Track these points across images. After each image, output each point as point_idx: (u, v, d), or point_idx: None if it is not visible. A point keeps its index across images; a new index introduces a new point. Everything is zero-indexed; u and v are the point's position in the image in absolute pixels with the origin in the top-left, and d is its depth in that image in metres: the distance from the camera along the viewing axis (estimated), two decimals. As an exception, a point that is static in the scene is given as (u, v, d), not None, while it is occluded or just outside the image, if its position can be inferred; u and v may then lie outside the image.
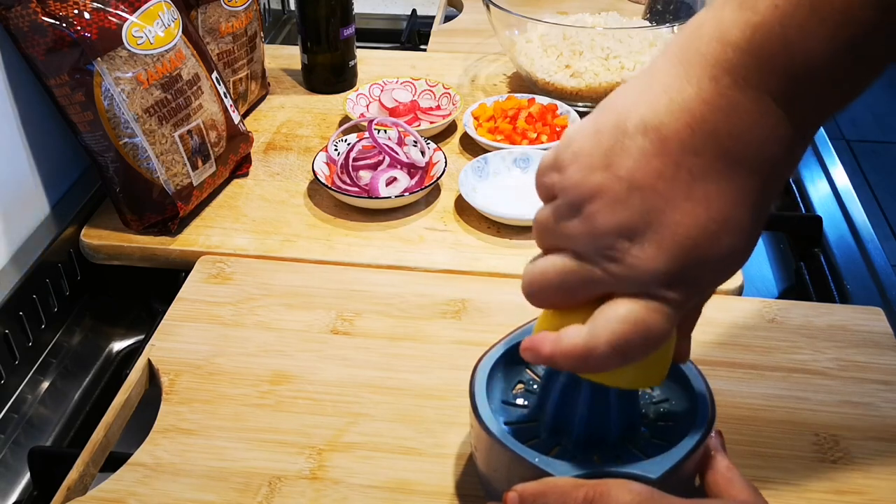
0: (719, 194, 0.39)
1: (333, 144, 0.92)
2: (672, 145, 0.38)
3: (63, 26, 0.73)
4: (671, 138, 0.38)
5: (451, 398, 0.65)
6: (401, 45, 1.33)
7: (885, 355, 0.68)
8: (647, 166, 0.39)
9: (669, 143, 0.38)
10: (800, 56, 0.36)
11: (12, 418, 0.74)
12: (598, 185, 0.39)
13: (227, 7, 0.95)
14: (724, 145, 0.38)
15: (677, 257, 0.39)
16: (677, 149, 0.38)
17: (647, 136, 0.39)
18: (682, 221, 0.39)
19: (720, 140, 0.38)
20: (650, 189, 0.39)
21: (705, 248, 0.39)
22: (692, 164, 0.38)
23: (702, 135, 0.38)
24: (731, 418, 0.62)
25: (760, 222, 0.40)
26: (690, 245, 0.39)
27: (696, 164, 0.38)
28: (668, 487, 0.44)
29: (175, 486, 0.58)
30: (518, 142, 0.95)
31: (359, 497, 0.57)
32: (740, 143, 0.38)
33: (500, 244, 0.82)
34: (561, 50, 1.05)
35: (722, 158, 0.38)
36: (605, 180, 0.39)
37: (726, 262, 0.40)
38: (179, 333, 0.71)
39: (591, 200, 0.40)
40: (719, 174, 0.38)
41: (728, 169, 0.38)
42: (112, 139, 0.78)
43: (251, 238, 0.83)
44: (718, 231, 0.39)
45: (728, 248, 0.39)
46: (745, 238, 0.40)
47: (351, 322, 0.72)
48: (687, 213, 0.39)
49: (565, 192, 0.41)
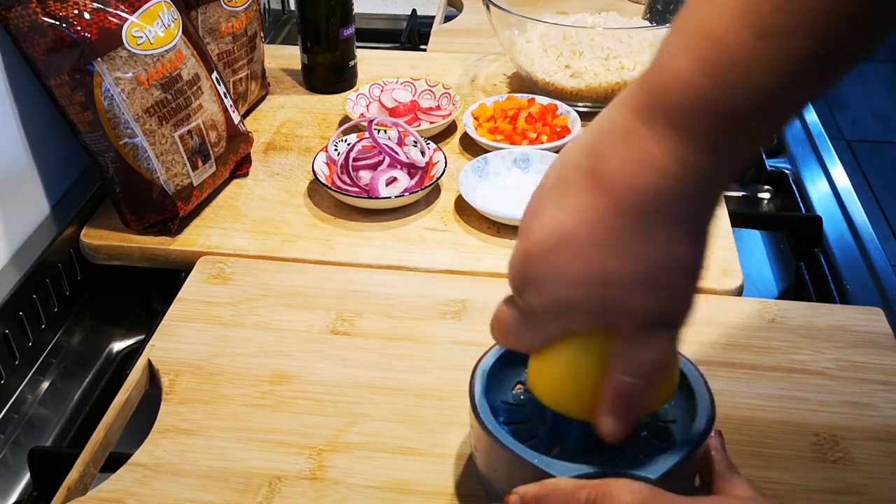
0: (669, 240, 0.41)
1: (333, 144, 0.92)
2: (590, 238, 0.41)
3: (63, 26, 0.73)
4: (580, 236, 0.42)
5: (451, 398, 0.65)
6: (401, 45, 1.33)
7: (885, 355, 0.68)
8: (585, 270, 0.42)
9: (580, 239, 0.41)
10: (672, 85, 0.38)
11: (12, 418, 0.74)
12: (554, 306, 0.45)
13: (227, 7, 0.95)
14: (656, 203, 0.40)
15: None
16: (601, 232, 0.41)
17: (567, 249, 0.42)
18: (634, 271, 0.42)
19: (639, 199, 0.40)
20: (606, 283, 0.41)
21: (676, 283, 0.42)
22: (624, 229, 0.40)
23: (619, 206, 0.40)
24: (731, 418, 0.62)
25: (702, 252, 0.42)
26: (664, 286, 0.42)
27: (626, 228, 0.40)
28: (669, 487, 0.44)
29: (175, 487, 0.58)
30: (518, 142, 0.95)
31: (359, 497, 0.57)
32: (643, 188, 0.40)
33: (500, 244, 0.82)
34: (561, 50, 1.05)
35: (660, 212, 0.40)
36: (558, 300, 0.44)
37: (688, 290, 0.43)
38: (179, 333, 0.71)
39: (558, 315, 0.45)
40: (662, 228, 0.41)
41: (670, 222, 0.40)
42: (112, 139, 0.78)
43: (251, 238, 0.83)
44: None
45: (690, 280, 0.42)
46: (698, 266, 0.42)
47: (351, 322, 0.72)
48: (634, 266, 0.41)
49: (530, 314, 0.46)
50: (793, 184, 0.98)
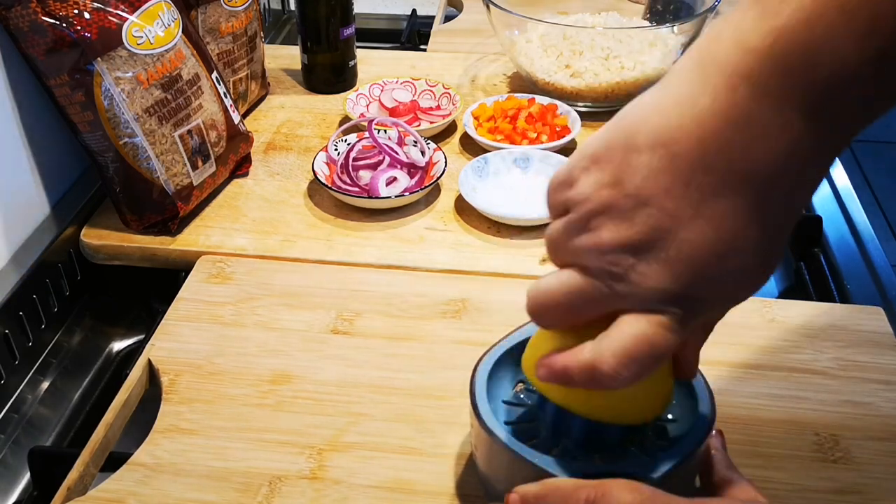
0: (729, 213, 0.37)
1: (333, 144, 0.92)
2: (681, 162, 0.37)
3: (63, 26, 0.73)
4: (681, 155, 0.37)
5: (451, 398, 0.65)
6: (401, 45, 1.33)
7: (885, 355, 0.68)
8: (655, 183, 0.38)
9: (679, 159, 0.37)
10: (825, 63, 0.34)
11: (12, 418, 0.74)
12: (606, 200, 0.39)
13: (227, 7, 0.95)
14: (737, 162, 0.37)
15: (682, 275, 0.38)
16: (687, 166, 0.37)
17: (657, 152, 0.38)
18: (688, 239, 0.38)
19: (733, 156, 0.37)
20: (657, 206, 0.38)
21: (712, 267, 0.38)
22: (702, 181, 0.37)
23: (714, 151, 0.37)
24: (731, 418, 0.62)
25: (777, 241, 0.39)
26: (696, 264, 0.38)
27: (706, 182, 0.37)
28: (669, 487, 0.44)
29: (175, 486, 0.58)
30: (518, 142, 0.95)
31: (359, 497, 0.57)
32: (755, 159, 0.36)
33: (500, 244, 0.82)
34: (561, 50, 1.05)
35: (734, 175, 0.37)
36: (614, 196, 0.39)
37: (735, 281, 0.39)
38: (179, 333, 0.71)
39: (599, 216, 0.39)
40: (731, 192, 0.37)
41: (741, 186, 0.37)
42: (112, 139, 0.78)
43: (251, 238, 0.83)
44: (727, 251, 0.38)
45: (736, 267, 0.38)
46: (756, 257, 0.39)
47: (351, 322, 0.72)
48: (694, 232, 0.37)
49: (576, 207, 0.40)
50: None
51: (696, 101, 0.37)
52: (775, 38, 0.35)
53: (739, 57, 0.36)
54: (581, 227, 0.40)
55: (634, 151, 0.38)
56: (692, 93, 0.37)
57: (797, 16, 0.34)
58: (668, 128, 0.38)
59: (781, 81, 0.35)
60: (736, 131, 0.36)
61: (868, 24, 0.33)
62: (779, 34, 0.35)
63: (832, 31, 0.34)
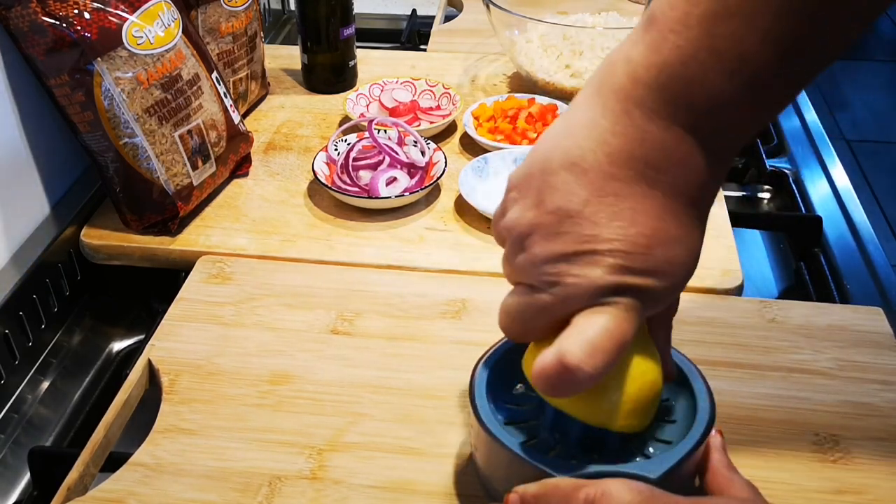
0: (643, 211, 0.42)
1: (333, 144, 0.92)
2: (593, 176, 0.42)
3: (63, 26, 0.73)
4: (592, 169, 0.42)
5: (451, 398, 0.65)
6: (401, 45, 1.33)
7: (885, 355, 0.68)
8: (574, 197, 0.42)
9: (590, 173, 0.42)
10: (699, 93, 0.40)
11: (12, 418, 0.74)
12: (532, 221, 0.44)
13: (227, 7, 0.95)
14: (641, 170, 0.42)
15: (614, 270, 0.42)
16: (598, 178, 0.42)
17: (570, 170, 0.43)
18: (612, 238, 0.42)
19: (636, 166, 0.42)
20: (578, 215, 0.42)
21: (640, 260, 0.42)
22: (614, 188, 0.42)
23: (619, 162, 0.42)
24: (731, 418, 0.62)
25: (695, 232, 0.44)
26: (625, 258, 0.42)
27: (618, 188, 0.42)
28: (669, 487, 0.44)
29: (175, 486, 0.58)
30: (518, 142, 0.95)
31: (359, 497, 0.57)
32: (656, 167, 0.42)
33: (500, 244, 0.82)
34: (561, 50, 1.05)
35: (642, 181, 0.42)
36: (538, 216, 0.44)
37: (668, 268, 0.43)
38: (179, 333, 0.71)
39: (529, 236, 0.44)
40: (641, 194, 0.42)
41: (649, 189, 0.42)
42: (112, 139, 0.78)
43: (251, 238, 0.83)
44: (648, 244, 0.42)
45: (663, 256, 0.42)
46: (681, 247, 0.43)
47: (351, 322, 0.72)
48: (616, 231, 0.42)
49: (510, 232, 0.46)
50: (793, 184, 0.98)
51: (598, 123, 0.42)
52: (658, 71, 0.40)
53: (631, 86, 0.41)
54: (518, 249, 0.45)
55: (550, 174, 0.43)
56: (594, 116, 0.43)
57: (674, 54, 0.40)
58: (578, 147, 0.43)
59: (666, 108, 0.41)
60: (635, 146, 0.42)
61: (735, 62, 0.39)
62: (660, 69, 0.40)
63: (703, 67, 0.39)
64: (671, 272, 0.43)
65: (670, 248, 0.43)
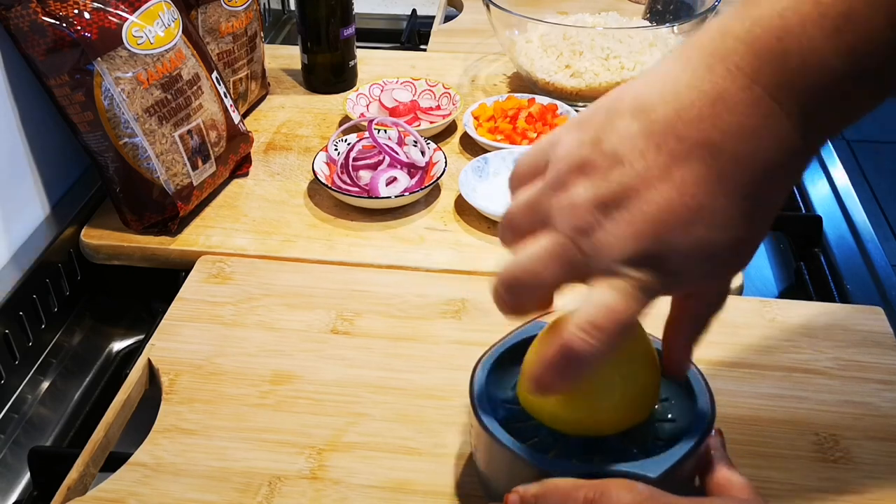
0: (694, 180, 0.39)
1: (333, 144, 0.92)
2: (657, 127, 0.39)
3: (63, 26, 0.73)
4: (657, 121, 0.39)
5: (451, 398, 0.65)
6: (401, 45, 1.33)
7: (885, 355, 0.68)
8: (631, 144, 0.40)
9: (655, 125, 0.39)
10: (794, 51, 0.37)
11: (12, 418, 0.74)
12: (585, 156, 0.41)
13: (227, 7, 0.95)
14: (708, 133, 0.38)
15: (644, 236, 0.39)
16: (661, 131, 0.39)
17: (636, 117, 0.40)
18: (654, 200, 0.39)
19: (703, 126, 0.39)
20: (629, 166, 0.40)
21: (676, 233, 0.39)
22: (673, 147, 0.39)
23: (687, 120, 0.39)
24: (731, 418, 0.62)
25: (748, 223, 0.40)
26: (659, 226, 0.39)
27: (676, 149, 0.39)
28: (668, 487, 0.44)
29: (175, 486, 0.58)
30: (518, 142, 0.95)
31: (359, 497, 0.57)
32: (724, 132, 0.38)
33: (500, 244, 0.82)
34: (561, 50, 1.05)
35: (704, 145, 0.39)
36: (592, 153, 0.41)
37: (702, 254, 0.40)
38: (179, 333, 0.71)
39: (576, 171, 0.41)
40: (697, 160, 0.39)
41: (709, 157, 0.38)
42: (112, 139, 0.78)
43: (251, 238, 0.83)
44: (690, 218, 0.39)
45: (702, 238, 0.39)
46: (725, 233, 0.39)
47: (351, 322, 0.72)
48: (660, 193, 0.39)
49: (555, 163, 0.42)
50: (793, 183, 0.98)
51: (678, 77, 0.40)
52: (752, 23, 0.38)
53: (719, 41, 0.39)
54: (558, 184, 0.42)
55: (617, 115, 0.41)
56: (674, 70, 0.40)
57: (774, 5, 0.37)
58: (650, 95, 0.40)
59: (753, 61, 0.38)
60: (708, 105, 0.39)
61: (841, 19, 0.36)
62: (755, 21, 0.38)
63: (803, 21, 0.36)
64: (710, 261, 0.40)
65: (715, 232, 0.39)
